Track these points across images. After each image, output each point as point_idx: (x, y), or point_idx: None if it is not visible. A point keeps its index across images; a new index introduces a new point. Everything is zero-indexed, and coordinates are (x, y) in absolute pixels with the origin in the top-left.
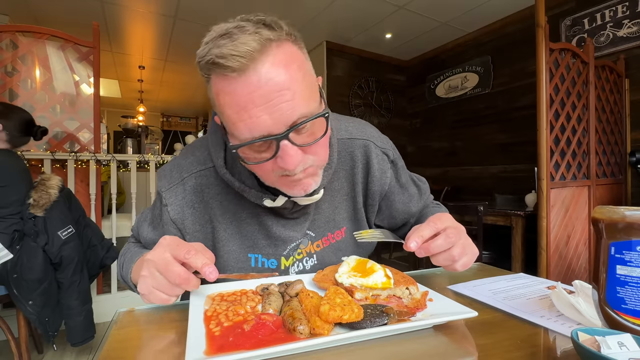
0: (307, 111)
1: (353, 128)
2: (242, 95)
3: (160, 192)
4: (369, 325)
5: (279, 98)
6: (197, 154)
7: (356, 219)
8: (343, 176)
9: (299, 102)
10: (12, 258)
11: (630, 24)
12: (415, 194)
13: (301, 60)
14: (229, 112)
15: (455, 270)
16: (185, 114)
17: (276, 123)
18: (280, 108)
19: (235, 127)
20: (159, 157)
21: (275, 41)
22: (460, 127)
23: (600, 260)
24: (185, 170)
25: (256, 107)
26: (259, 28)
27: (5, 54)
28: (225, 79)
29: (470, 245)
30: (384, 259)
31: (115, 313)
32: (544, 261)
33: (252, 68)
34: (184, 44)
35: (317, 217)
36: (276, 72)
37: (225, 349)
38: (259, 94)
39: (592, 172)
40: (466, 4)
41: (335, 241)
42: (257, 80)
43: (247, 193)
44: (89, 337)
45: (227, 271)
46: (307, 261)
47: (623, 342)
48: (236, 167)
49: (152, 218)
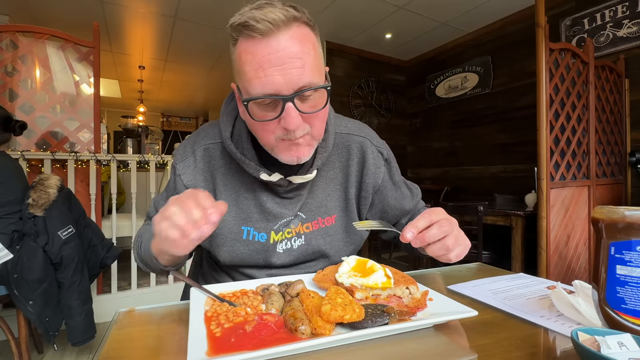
0: (313, 82)
1: (352, 125)
2: (262, 55)
3: (174, 165)
4: (370, 325)
5: (292, 64)
6: (208, 131)
7: (347, 209)
8: (338, 167)
9: (307, 71)
10: (12, 258)
11: (630, 24)
12: (408, 195)
13: (314, 43)
14: (247, 68)
15: (450, 260)
16: (185, 114)
17: (286, 84)
18: (291, 72)
19: (251, 83)
20: (159, 157)
21: (298, 20)
22: (460, 127)
23: (600, 260)
24: (196, 143)
25: (272, 67)
26: (286, 7)
27: (5, 54)
28: (250, 39)
29: (463, 237)
30: (384, 259)
31: (115, 313)
32: (544, 261)
33: (275, 34)
34: (184, 44)
35: (309, 201)
36: (293, 43)
37: (228, 349)
38: (276, 56)
39: (592, 172)
40: (466, 4)
41: (325, 226)
42: (277, 44)
43: (247, 165)
44: (89, 337)
45: (220, 240)
46: (296, 241)
47: (623, 342)
48: (240, 142)
49: (166, 191)
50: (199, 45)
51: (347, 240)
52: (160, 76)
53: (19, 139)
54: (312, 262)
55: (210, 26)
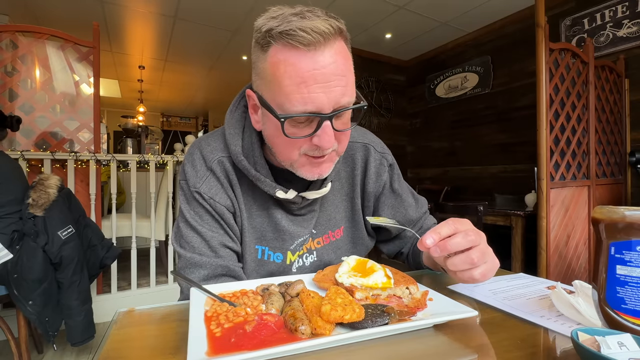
0: (352, 100)
1: (355, 133)
2: (306, 69)
3: (197, 190)
4: (370, 325)
5: (337, 81)
6: (212, 145)
7: (354, 219)
8: (344, 177)
9: (349, 90)
10: (12, 258)
11: (630, 24)
12: (412, 204)
13: (351, 59)
14: (287, 82)
15: (474, 279)
16: (185, 114)
17: (328, 103)
18: (335, 91)
19: (289, 98)
20: (158, 157)
21: (342, 34)
22: (460, 127)
23: (600, 260)
24: (207, 159)
25: (316, 83)
26: (329, 17)
27: (5, 54)
28: (293, 50)
29: (492, 254)
30: (384, 259)
31: (115, 313)
32: (544, 261)
33: (322, 48)
34: (184, 44)
35: (320, 215)
36: (338, 59)
37: (228, 349)
38: (322, 72)
39: (592, 172)
40: (466, 4)
41: (334, 239)
42: (323, 60)
43: (262, 183)
44: (89, 337)
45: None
46: (307, 257)
47: (623, 342)
48: (252, 157)
49: (200, 223)
50: (199, 45)
51: (354, 251)
52: (160, 76)
53: (18, 139)
54: None
55: (210, 26)
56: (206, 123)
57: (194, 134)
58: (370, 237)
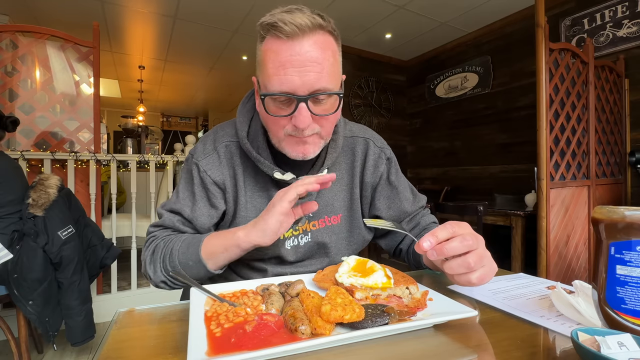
0: (328, 87)
1: (356, 129)
2: (285, 55)
3: (196, 162)
4: (370, 325)
5: (311, 67)
6: (226, 130)
7: (352, 208)
8: (344, 168)
9: (324, 77)
10: (12, 258)
11: (630, 24)
12: (410, 198)
13: (335, 51)
14: (270, 65)
15: (471, 283)
16: (185, 114)
17: (302, 85)
18: (308, 75)
19: (270, 79)
20: (158, 157)
21: (323, 28)
22: (460, 127)
23: (600, 260)
24: (217, 141)
25: (292, 67)
26: (314, 15)
27: (5, 54)
28: (276, 39)
29: (489, 258)
30: (384, 259)
31: (115, 313)
32: (544, 261)
33: (299, 38)
34: (184, 44)
35: (317, 200)
36: (314, 49)
37: (228, 349)
38: (297, 58)
39: (592, 172)
40: (466, 4)
41: (331, 224)
42: (300, 48)
43: (261, 164)
44: (89, 337)
45: None
46: (302, 238)
47: (623, 342)
48: (256, 141)
49: (187, 188)
50: (199, 45)
51: (351, 240)
52: (160, 76)
53: (18, 139)
54: (313, 258)
55: (210, 26)
56: (206, 123)
57: (193, 134)
58: (367, 229)
